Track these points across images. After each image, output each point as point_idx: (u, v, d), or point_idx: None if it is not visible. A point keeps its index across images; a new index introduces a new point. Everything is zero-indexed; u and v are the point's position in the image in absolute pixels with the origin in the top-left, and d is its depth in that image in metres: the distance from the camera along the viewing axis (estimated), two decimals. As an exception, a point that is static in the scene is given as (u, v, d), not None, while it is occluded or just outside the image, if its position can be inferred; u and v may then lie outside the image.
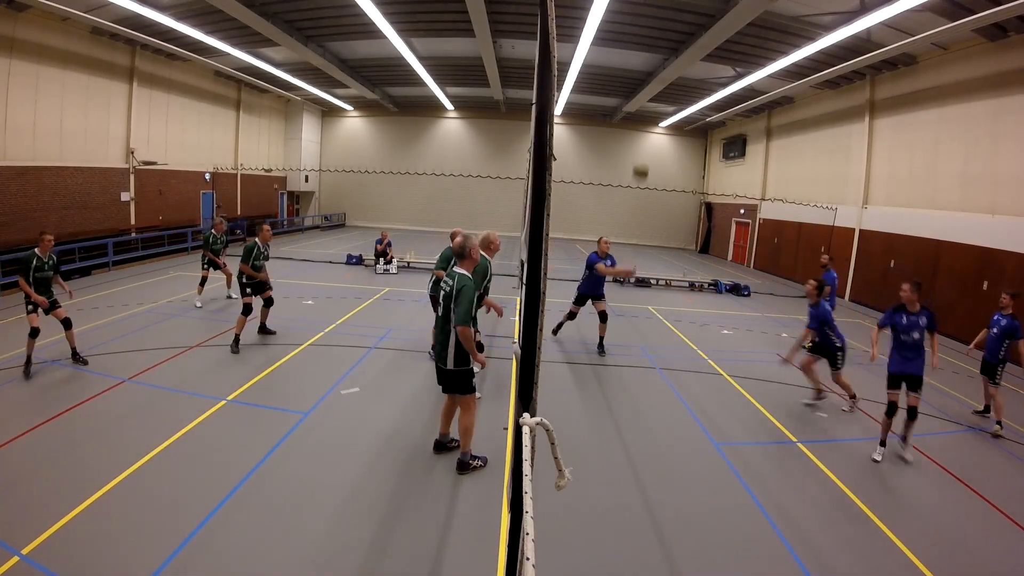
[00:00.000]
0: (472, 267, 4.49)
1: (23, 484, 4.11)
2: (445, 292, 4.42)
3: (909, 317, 5.55)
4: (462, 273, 4.42)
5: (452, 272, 4.47)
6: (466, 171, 26.30)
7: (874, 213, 15.32)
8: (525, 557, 1.25)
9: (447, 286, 4.42)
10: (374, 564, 3.52)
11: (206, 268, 10.17)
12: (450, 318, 4.35)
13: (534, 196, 1.83)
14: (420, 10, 13.77)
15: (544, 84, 1.81)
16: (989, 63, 11.57)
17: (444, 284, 4.47)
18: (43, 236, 6.50)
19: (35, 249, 6.48)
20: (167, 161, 17.82)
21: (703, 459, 5.31)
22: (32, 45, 12.88)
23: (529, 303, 1.74)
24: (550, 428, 1.64)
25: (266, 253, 7.90)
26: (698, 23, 12.78)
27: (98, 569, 3.28)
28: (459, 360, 4.42)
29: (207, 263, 10.17)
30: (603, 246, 8.62)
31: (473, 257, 4.50)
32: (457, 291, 4.32)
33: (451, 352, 4.40)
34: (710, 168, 28.61)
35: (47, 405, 5.06)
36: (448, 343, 4.40)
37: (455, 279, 4.38)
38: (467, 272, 4.45)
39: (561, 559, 3.68)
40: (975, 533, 4.34)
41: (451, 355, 4.40)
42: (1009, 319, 6.47)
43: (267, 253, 7.94)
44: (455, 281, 4.37)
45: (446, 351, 4.41)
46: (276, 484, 4.33)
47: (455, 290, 4.33)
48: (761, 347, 9.75)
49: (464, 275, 4.40)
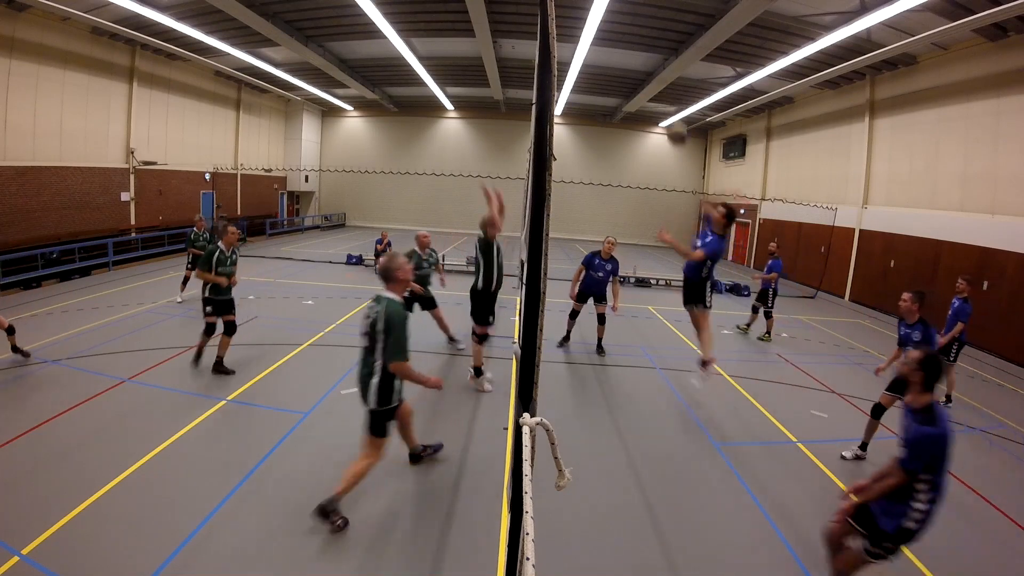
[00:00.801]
0: (402, 290, 3.92)
1: (23, 484, 4.11)
2: (368, 322, 3.81)
3: (905, 329, 5.29)
4: (391, 298, 3.81)
5: (380, 297, 3.84)
6: (466, 171, 26.27)
7: (874, 213, 15.32)
8: (525, 557, 1.25)
9: (372, 313, 3.80)
10: (374, 564, 3.52)
11: (189, 268, 10.25)
12: (375, 351, 3.78)
13: (534, 196, 1.83)
14: (420, 10, 13.77)
15: (544, 84, 1.81)
16: (989, 63, 11.57)
17: (368, 310, 3.86)
18: None
19: None
20: (167, 161, 17.82)
21: (703, 459, 5.31)
22: (32, 45, 12.88)
23: (529, 303, 1.74)
24: (550, 428, 1.64)
25: (233, 258, 6.58)
26: (698, 23, 12.77)
27: (98, 569, 3.28)
28: (382, 399, 3.83)
29: (191, 261, 10.24)
30: (607, 248, 8.28)
31: (402, 279, 3.87)
32: (386, 321, 3.70)
33: (373, 387, 3.80)
34: (710, 168, 28.61)
35: (47, 405, 5.06)
36: (371, 380, 3.80)
37: (382, 305, 3.75)
38: (396, 297, 3.85)
39: (561, 559, 3.68)
40: (975, 533, 4.34)
41: (373, 393, 3.80)
42: (962, 302, 7.11)
43: (234, 258, 6.61)
44: (382, 307, 3.74)
45: (366, 388, 3.82)
46: (276, 484, 4.33)
47: (383, 319, 3.70)
48: (761, 347, 9.75)
49: (393, 301, 3.80)
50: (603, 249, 8.25)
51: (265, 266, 15.15)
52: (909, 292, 5.23)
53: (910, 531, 3.01)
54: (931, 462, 2.94)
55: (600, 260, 8.22)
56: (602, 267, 8.19)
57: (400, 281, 3.88)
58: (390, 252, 3.95)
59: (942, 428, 2.96)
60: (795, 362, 8.78)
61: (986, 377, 9.09)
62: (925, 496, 2.95)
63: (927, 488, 2.94)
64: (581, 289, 8.53)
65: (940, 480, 2.97)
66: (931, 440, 2.95)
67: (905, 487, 2.98)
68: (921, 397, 3.14)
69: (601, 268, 8.19)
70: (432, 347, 8.28)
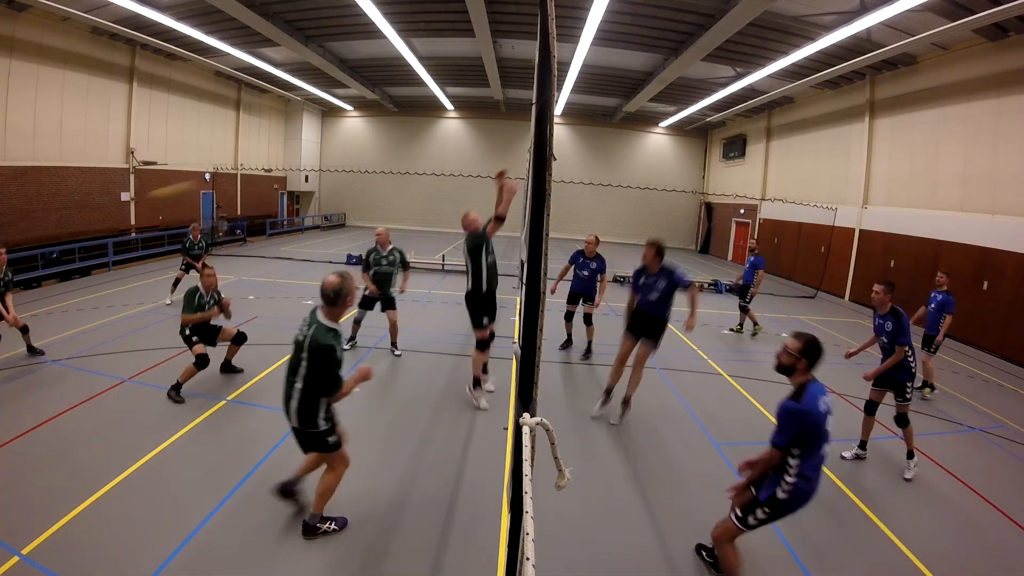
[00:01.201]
0: (340, 317, 3.48)
1: (23, 484, 4.11)
2: (297, 341, 3.45)
3: (879, 319, 5.28)
4: (321, 324, 3.37)
5: (314, 319, 3.42)
6: (466, 171, 26.28)
7: (874, 213, 15.32)
8: (525, 557, 1.25)
9: (300, 335, 3.43)
10: (375, 564, 3.52)
11: (183, 270, 10.27)
12: (296, 372, 3.41)
13: (534, 196, 1.83)
14: (420, 10, 13.77)
15: (544, 84, 1.81)
16: (989, 63, 11.57)
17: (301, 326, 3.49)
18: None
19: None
20: (167, 161, 17.82)
21: (703, 459, 5.31)
22: (32, 45, 12.88)
23: (529, 303, 1.74)
24: (550, 428, 1.64)
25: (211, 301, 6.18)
26: (698, 23, 12.77)
27: (98, 569, 3.28)
28: (305, 421, 3.47)
29: (184, 265, 10.28)
30: (589, 246, 7.88)
31: (342, 307, 3.46)
32: (310, 351, 3.33)
33: (293, 409, 3.47)
34: (710, 168, 28.61)
35: (47, 405, 5.06)
36: (292, 398, 3.45)
37: (312, 330, 3.36)
38: (334, 324, 3.42)
39: (561, 559, 3.68)
40: (975, 533, 4.34)
41: (293, 413, 3.48)
42: (944, 295, 7.33)
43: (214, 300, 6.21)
44: (311, 333, 3.35)
45: (288, 407, 3.50)
46: (276, 484, 4.33)
47: (308, 347, 3.34)
48: (761, 347, 9.75)
49: (321, 328, 3.35)
50: (585, 248, 7.94)
51: (265, 266, 15.15)
52: (880, 284, 5.25)
53: (780, 500, 3.15)
54: (798, 436, 3.05)
55: (584, 259, 7.95)
56: (587, 266, 7.95)
57: (341, 308, 3.45)
58: (345, 273, 3.47)
59: (807, 404, 3.07)
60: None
61: (986, 377, 9.09)
62: (794, 469, 3.08)
63: (798, 463, 3.08)
64: (571, 290, 8.29)
65: (812, 455, 3.08)
66: (792, 414, 3.08)
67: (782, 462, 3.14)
68: (801, 378, 3.26)
69: (586, 267, 7.95)
70: (431, 347, 8.27)
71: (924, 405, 7.33)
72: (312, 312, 3.50)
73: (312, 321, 3.43)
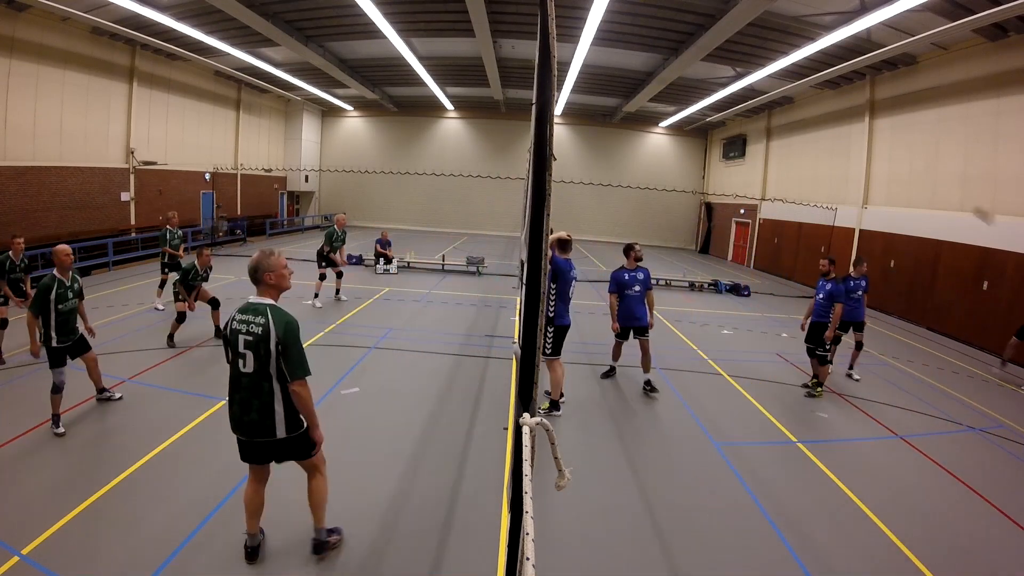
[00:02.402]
0: (277, 295, 3.24)
1: (23, 484, 4.11)
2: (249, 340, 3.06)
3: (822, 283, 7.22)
4: (272, 305, 3.15)
5: (256, 306, 3.13)
6: (466, 171, 26.30)
7: (874, 213, 15.33)
8: (525, 557, 1.25)
9: (254, 327, 3.06)
10: (374, 564, 3.52)
11: (165, 272, 9.95)
12: (267, 372, 3.09)
13: (534, 196, 1.83)
14: (420, 10, 13.77)
15: (544, 84, 1.81)
16: (989, 63, 11.57)
17: (242, 324, 3.10)
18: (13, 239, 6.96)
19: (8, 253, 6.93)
20: (167, 161, 17.83)
21: (703, 459, 5.31)
22: (32, 45, 12.88)
23: (529, 303, 1.74)
24: (550, 428, 1.64)
25: (204, 275, 8.02)
26: (698, 23, 12.78)
27: (98, 569, 3.28)
28: (292, 423, 3.19)
29: (165, 264, 9.99)
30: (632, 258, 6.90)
31: (272, 284, 3.19)
32: (282, 335, 3.05)
33: (279, 416, 3.13)
34: (710, 168, 28.61)
35: (47, 405, 5.05)
36: (273, 406, 3.11)
37: (268, 316, 3.08)
38: (275, 302, 3.19)
39: (561, 559, 3.68)
40: (975, 533, 4.34)
41: (280, 420, 3.14)
42: (833, 283, 7.16)
43: (206, 275, 8.06)
44: (268, 319, 3.06)
45: (271, 418, 3.12)
46: (276, 484, 4.32)
47: (275, 333, 3.04)
48: (761, 347, 9.75)
49: (278, 309, 3.15)
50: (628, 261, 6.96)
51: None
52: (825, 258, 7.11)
53: None
54: None
55: (631, 274, 6.85)
56: (635, 280, 6.81)
57: (273, 285, 3.19)
58: (265, 249, 3.24)
59: None
60: (795, 362, 8.78)
61: (986, 377, 9.09)
62: None
63: None
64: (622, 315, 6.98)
65: None
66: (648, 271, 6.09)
67: None
68: None
69: (635, 281, 6.81)
70: (431, 347, 8.27)
71: (924, 405, 7.33)
72: (252, 306, 3.14)
73: (260, 309, 3.11)
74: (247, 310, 3.14)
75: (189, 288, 7.78)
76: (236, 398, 3.17)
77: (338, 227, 10.82)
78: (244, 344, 3.08)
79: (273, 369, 3.10)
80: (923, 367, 9.27)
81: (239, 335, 3.10)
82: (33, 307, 4.92)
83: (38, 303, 4.93)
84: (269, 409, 3.12)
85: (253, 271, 3.17)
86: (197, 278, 7.86)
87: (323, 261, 10.73)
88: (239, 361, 3.12)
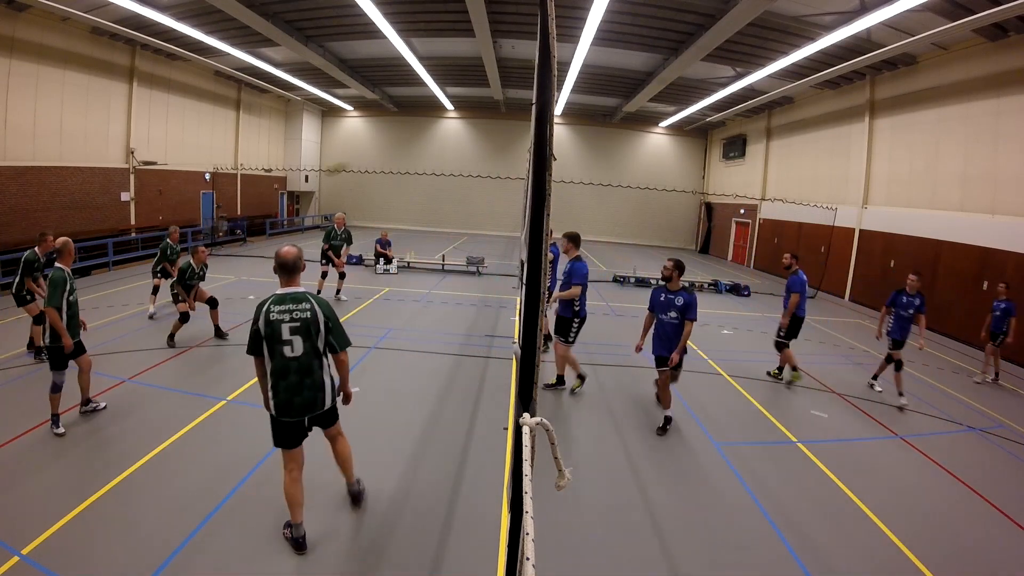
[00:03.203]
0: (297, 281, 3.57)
1: (23, 484, 4.11)
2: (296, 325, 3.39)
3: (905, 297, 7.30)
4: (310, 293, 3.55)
5: (295, 294, 3.45)
6: (466, 171, 26.29)
7: (874, 213, 15.32)
8: (525, 557, 1.25)
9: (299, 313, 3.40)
10: (374, 564, 3.52)
11: (159, 276, 9.49)
12: (318, 351, 3.48)
13: (534, 196, 1.83)
14: (420, 10, 13.77)
15: (544, 84, 1.81)
16: (989, 63, 11.57)
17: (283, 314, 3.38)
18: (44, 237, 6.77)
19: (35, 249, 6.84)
20: (167, 161, 17.82)
21: (703, 459, 5.31)
22: (32, 45, 12.88)
23: (529, 303, 1.74)
24: (550, 428, 1.64)
25: (201, 273, 8.05)
26: (698, 23, 12.77)
27: (98, 569, 3.28)
28: (333, 395, 3.68)
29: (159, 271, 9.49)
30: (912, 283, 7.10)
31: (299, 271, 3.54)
32: (325, 316, 3.48)
33: (327, 389, 3.58)
34: (710, 168, 28.61)
35: (47, 405, 5.05)
36: (323, 380, 3.55)
37: (311, 302, 3.46)
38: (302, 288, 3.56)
39: (561, 559, 3.68)
40: (975, 533, 4.34)
41: (328, 392, 3.59)
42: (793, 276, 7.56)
43: (202, 273, 8.08)
44: (312, 304, 3.46)
45: (321, 391, 3.54)
46: (276, 484, 4.31)
47: (322, 315, 3.46)
48: (761, 347, 9.74)
49: (314, 295, 3.56)
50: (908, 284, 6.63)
51: (265, 266, 15.15)
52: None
53: None
54: None
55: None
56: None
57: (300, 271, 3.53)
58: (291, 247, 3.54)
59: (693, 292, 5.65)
60: (795, 362, 8.77)
61: (987, 377, 9.08)
62: None
63: None
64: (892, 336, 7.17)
65: None
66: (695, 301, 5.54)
67: None
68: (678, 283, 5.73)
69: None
70: (431, 347, 8.27)
71: (925, 405, 7.33)
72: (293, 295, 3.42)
73: (301, 297, 3.44)
74: (285, 300, 3.42)
75: (187, 288, 7.81)
76: (282, 385, 3.43)
77: (337, 226, 11.11)
78: (291, 331, 3.39)
79: (322, 345, 3.50)
80: (923, 367, 9.27)
81: (282, 324, 3.38)
82: (53, 301, 4.86)
83: (57, 296, 4.87)
84: (320, 384, 3.54)
85: (294, 263, 3.47)
86: (194, 277, 7.92)
87: (324, 259, 11.02)
88: (284, 348, 3.39)
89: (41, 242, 6.78)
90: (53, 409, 4.96)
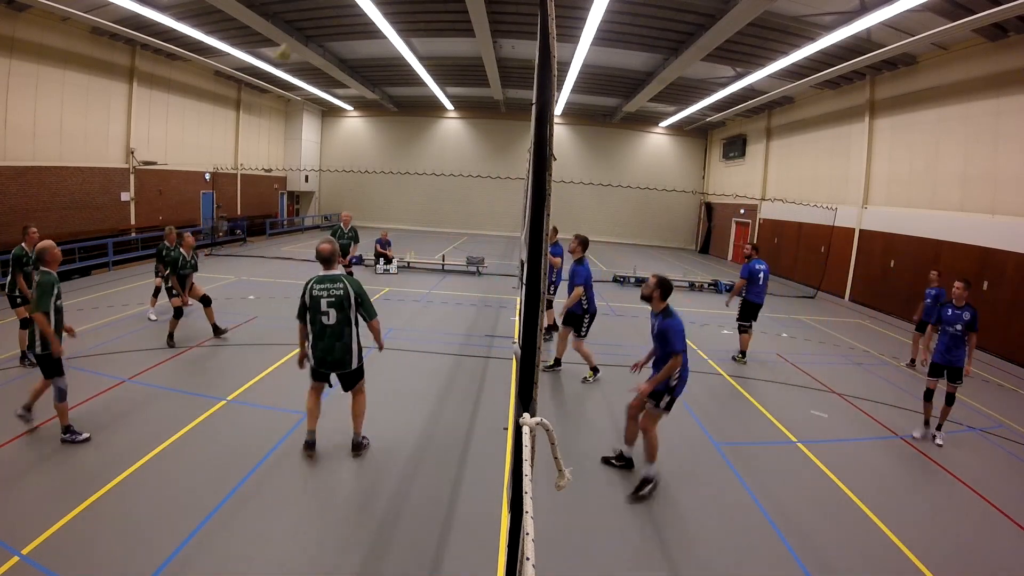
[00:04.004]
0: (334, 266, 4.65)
1: (23, 484, 4.11)
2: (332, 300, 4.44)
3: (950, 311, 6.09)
4: (345, 274, 4.64)
5: (333, 276, 4.52)
6: (466, 171, 26.29)
7: (874, 213, 15.32)
8: (525, 557, 1.25)
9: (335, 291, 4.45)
10: (374, 564, 3.52)
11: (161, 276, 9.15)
12: (348, 319, 4.50)
13: (534, 196, 1.83)
14: (420, 10, 13.77)
15: (544, 84, 1.81)
16: (989, 63, 11.57)
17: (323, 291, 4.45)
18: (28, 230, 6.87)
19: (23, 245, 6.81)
20: (167, 161, 17.83)
21: (703, 459, 5.31)
22: (32, 45, 12.88)
23: (529, 303, 1.74)
24: (550, 428, 1.64)
25: (193, 262, 8.06)
26: (698, 23, 12.77)
27: (98, 569, 3.28)
28: (359, 358, 4.66)
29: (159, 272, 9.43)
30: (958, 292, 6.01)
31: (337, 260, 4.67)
32: (356, 292, 4.52)
33: (355, 352, 4.60)
34: (710, 168, 28.61)
35: (47, 405, 5.04)
36: (351, 345, 4.56)
37: (344, 281, 4.52)
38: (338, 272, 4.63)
39: (561, 559, 3.68)
40: (976, 533, 4.34)
41: (355, 355, 4.61)
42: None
43: (194, 262, 8.09)
44: (346, 282, 4.51)
45: (349, 354, 4.57)
46: (276, 484, 4.33)
47: (354, 291, 4.50)
48: (761, 347, 9.74)
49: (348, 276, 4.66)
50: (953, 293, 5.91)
51: (265, 266, 15.16)
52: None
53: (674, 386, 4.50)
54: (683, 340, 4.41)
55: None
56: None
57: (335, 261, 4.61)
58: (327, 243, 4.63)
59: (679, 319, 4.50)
60: (795, 362, 8.79)
61: (986, 377, 9.09)
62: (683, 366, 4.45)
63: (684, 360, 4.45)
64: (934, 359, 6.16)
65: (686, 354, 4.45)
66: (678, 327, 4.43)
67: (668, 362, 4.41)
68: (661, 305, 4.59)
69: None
70: (431, 347, 8.27)
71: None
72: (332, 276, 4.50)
73: (337, 278, 4.50)
74: (324, 280, 4.49)
75: (182, 279, 7.83)
76: (319, 345, 4.53)
77: (344, 225, 11.15)
78: (327, 304, 4.44)
79: (353, 316, 4.52)
80: (923, 367, 9.25)
81: (321, 299, 4.44)
82: (43, 306, 4.64)
83: (47, 300, 4.66)
84: (349, 347, 4.55)
85: (329, 256, 4.56)
86: (187, 266, 7.93)
87: None
88: (322, 317, 4.45)
89: (26, 236, 6.80)
90: (63, 421, 4.76)
